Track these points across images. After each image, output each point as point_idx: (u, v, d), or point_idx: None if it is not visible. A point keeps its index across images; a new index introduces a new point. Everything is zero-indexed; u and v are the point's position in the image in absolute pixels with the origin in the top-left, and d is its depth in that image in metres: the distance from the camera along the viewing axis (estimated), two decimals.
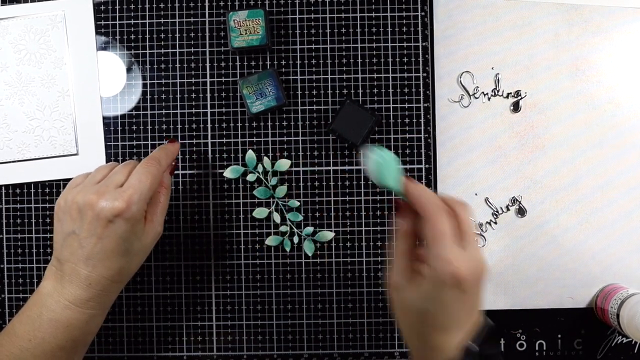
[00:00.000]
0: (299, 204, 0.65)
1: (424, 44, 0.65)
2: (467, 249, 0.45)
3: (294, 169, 0.65)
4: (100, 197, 0.51)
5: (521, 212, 0.65)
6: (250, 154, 0.65)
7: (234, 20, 0.62)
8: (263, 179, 0.65)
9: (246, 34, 0.61)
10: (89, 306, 0.52)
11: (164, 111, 0.65)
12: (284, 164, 0.64)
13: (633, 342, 0.64)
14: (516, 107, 0.65)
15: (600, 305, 0.63)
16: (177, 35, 0.65)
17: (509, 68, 0.65)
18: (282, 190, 0.64)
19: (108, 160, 0.65)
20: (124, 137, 0.65)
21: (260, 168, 0.65)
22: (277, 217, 0.65)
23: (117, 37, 0.65)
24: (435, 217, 0.45)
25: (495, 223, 0.65)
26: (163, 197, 0.56)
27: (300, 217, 0.65)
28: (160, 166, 0.55)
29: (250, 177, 0.65)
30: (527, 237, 0.65)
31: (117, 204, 0.50)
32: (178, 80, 0.65)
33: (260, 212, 0.65)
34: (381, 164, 0.47)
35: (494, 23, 0.65)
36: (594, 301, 0.64)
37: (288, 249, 0.65)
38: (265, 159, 0.65)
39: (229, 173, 0.65)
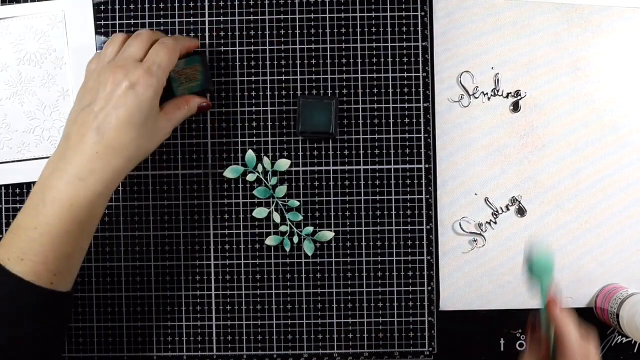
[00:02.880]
0: (298, 203, 0.65)
1: (423, 43, 0.65)
2: None
3: (293, 168, 0.65)
4: (121, 68, 0.52)
5: (521, 211, 0.65)
6: (250, 154, 0.65)
7: (174, 71, 0.59)
8: (263, 178, 0.65)
9: (186, 82, 0.60)
10: (93, 180, 0.51)
11: None
12: (283, 164, 0.64)
13: (633, 342, 0.64)
14: (516, 106, 0.65)
15: (600, 305, 0.63)
16: (177, 35, 0.65)
17: (508, 68, 0.65)
18: (281, 190, 0.64)
19: None
20: None
21: (260, 168, 0.65)
22: (276, 217, 0.65)
23: None
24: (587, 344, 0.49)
25: (495, 223, 0.65)
26: (183, 109, 0.58)
27: (300, 217, 0.65)
28: (175, 42, 0.56)
29: (250, 177, 0.65)
30: (527, 237, 0.65)
31: (137, 71, 0.52)
32: None
33: (260, 212, 0.65)
34: (544, 265, 0.48)
35: (493, 22, 0.65)
36: (594, 301, 0.64)
37: (288, 249, 0.65)
38: (265, 158, 0.65)
39: (228, 173, 0.65)
